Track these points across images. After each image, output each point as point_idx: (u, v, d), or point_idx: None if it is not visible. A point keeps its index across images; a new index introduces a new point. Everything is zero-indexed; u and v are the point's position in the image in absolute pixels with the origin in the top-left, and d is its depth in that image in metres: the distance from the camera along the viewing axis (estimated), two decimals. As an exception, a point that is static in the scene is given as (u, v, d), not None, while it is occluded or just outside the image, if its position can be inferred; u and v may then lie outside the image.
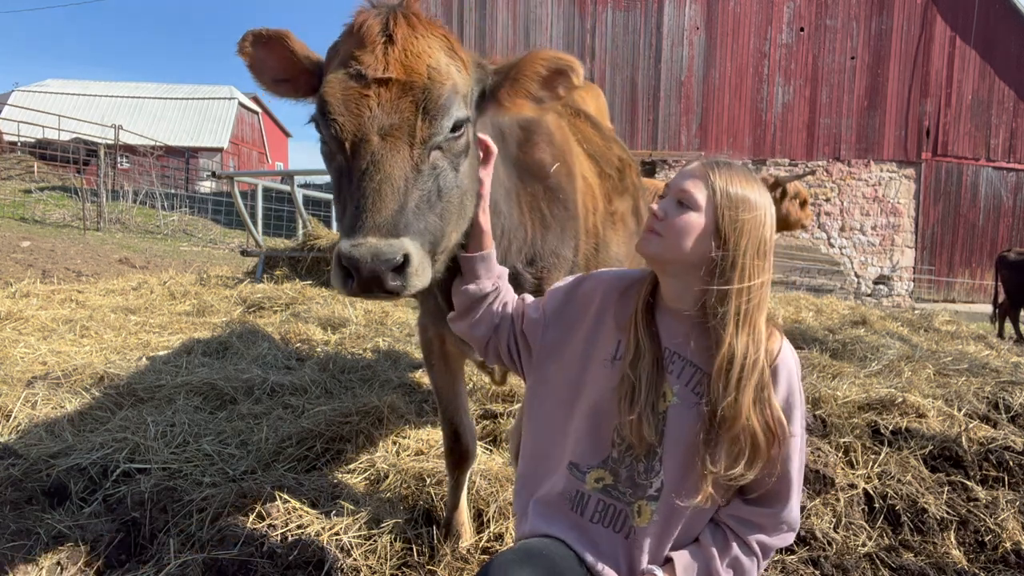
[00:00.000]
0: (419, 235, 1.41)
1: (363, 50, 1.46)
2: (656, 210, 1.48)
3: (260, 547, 2.24)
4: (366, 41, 1.47)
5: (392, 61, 1.45)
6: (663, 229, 1.47)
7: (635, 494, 1.51)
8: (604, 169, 2.64)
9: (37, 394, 3.50)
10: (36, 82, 38.30)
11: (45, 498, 2.54)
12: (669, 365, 1.51)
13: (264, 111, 45.47)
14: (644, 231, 1.51)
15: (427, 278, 1.42)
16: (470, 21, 15.92)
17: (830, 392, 3.80)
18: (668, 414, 1.49)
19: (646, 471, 1.50)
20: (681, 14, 15.94)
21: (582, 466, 1.55)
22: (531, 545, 1.51)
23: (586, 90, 3.93)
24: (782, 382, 1.48)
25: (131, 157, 24.96)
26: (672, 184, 1.51)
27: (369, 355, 4.80)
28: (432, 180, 1.48)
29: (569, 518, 1.56)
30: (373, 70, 1.44)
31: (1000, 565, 2.48)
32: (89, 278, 8.57)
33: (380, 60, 1.45)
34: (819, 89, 15.95)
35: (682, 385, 1.49)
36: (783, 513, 1.51)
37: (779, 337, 1.52)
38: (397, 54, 1.46)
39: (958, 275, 16.42)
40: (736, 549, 1.50)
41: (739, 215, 1.45)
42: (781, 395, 1.48)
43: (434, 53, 1.51)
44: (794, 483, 1.50)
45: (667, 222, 1.47)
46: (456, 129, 1.53)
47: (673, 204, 1.48)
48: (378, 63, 1.45)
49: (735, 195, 1.46)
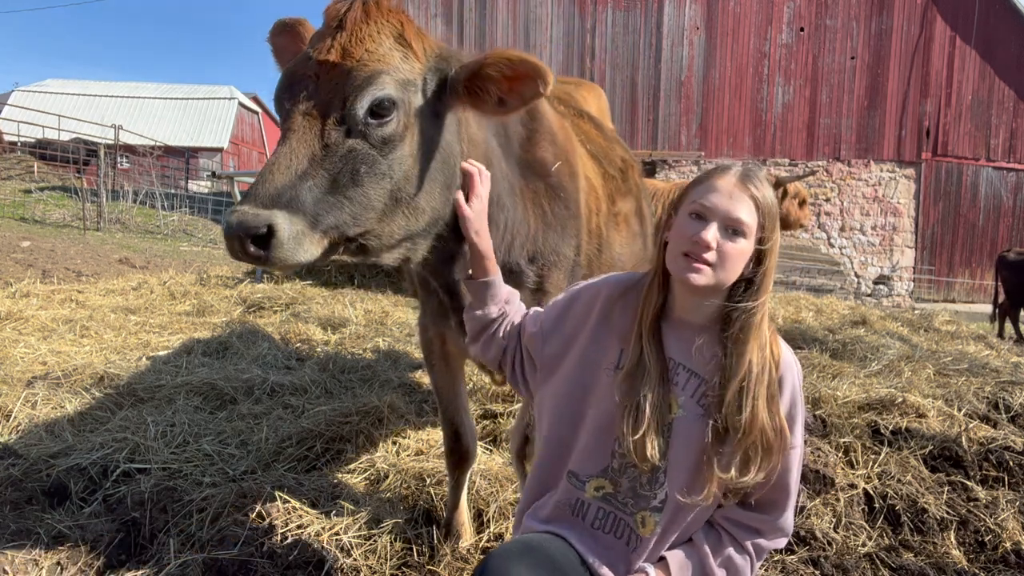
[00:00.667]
0: (303, 212, 1.44)
1: (319, 35, 1.58)
2: (708, 240, 1.38)
3: (260, 547, 2.24)
4: (324, 26, 1.58)
5: (335, 45, 1.52)
6: (717, 260, 1.39)
7: (637, 504, 1.50)
8: (607, 170, 2.64)
9: (37, 394, 3.50)
10: (36, 82, 38.30)
11: (45, 498, 2.54)
12: (675, 377, 1.49)
13: (264, 111, 45.43)
14: (692, 262, 1.39)
15: (303, 254, 1.45)
16: (470, 21, 15.92)
17: (830, 392, 3.79)
18: (674, 426, 1.47)
19: (650, 482, 1.48)
20: (681, 14, 15.94)
21: (581, 475, 1.54)
22: (531, 539, 1.51)
23: (588, 90, 3.93)
24: (787, 390, 1.47)
25: (131, 157, 24.95)
26: (714, 206, 1.39)
27: (369, 355, 4.80)
28: (345, 163, 1.50)
29: (570, 520, 1.56)
30: (318, 52, 1.53)
31: (1000, 565, 2.48)
32: (89, 278, 8.57)
33: (327, 44, 1.53)
34: (819, 89, 15.94)
35: (687, 396, 1.47)
36: (779, 521, 1.51)
37: (780, 344, 1.50)
38: (343, 39, 1.53)
39: (958, 275, 16.42)
40: (730, 549, 1.50)
41: (774, 234, 1.43)
42: (786, 403, 1.47)
43: (379, 38, 1.56)
44: (792, 493, 1.50)
45: (722, 253, 1.39)
46: (380, 115, 1.53)
47: (722, 230, 1.39)
48: (324, 46, 1.53)
49: (773, 212, 1.42)
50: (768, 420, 1.40)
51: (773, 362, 1.44)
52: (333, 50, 1.52)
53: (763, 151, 16.09)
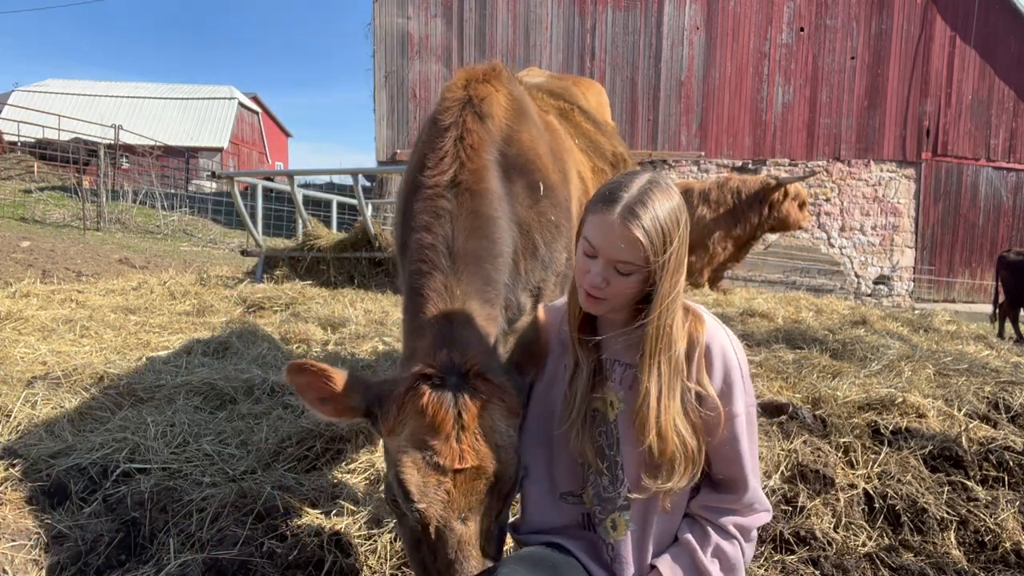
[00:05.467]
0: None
1: (436, 438, 1.49)
2: (596, 282, 1.42)
3: (260, 547, 2.24)
4: (439, 429, 1.50)
5: (465, 449, 1.49)
6: (608, 295, 1.44)
7: (605, 509, 1.52)
8: (596, 163, 2.67)
9: (37, 394, 3.49)
10: (36, 82, 38.31)
11: (45, 498, 2.54)
12: (611, 373, 1.53)
13: (264, 111, 45.48)
14: (586, 296, 1.46)
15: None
16: (470, 21, 15.92)
17: (830, 392, 3.79)
18: (619, 422, 1.50)
19: (611, 483, 1.51)
20: (681, 14, 15.94)
21: (576, 490, 1.57)
22: (536, 552, 1.53)
23: (587, 87, 3.93)
24: (716, 365, 1.47)
25: (131, 157, 24.96)
26: (599, 247, 1.42)
27: (369, 355, 4.80)
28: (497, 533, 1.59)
29: (578, 532, 1.59)
30: (450, 460, 1.48)
31: (1000, 565, 2.48)
32: (89, 278, 8.57)
33: (454, 449, 1.49)
34: (819, 89, 15.94)
35: (626, 389, 1.50)
36: (745, 497, 1.50)
37: (702, 319, 1.50)
38: (469, 440, 1.50)
39: (958, 275, 16.42)
40: (716, 537, 1.49)
41: (667, 250, 1.41)
42: (717, 379, 1.46)
43: (498, 425, 1.54)
44: (747, 462, 1.49)
45: (610, 290, 1.43)
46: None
47: (610, 270, 1.42)
48: (453, 453, 1.49)
49: (663, 232, 1.40)
50: (684, 431, 1.42)
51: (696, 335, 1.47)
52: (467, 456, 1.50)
53: (763, 151, 16.09)
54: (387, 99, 15.97)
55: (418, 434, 1.51)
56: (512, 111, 2.16)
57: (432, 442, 1.49)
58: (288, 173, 9.80)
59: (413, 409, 1.52)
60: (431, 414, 1.50)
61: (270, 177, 12.60)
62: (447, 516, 1.48)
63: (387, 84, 15.96)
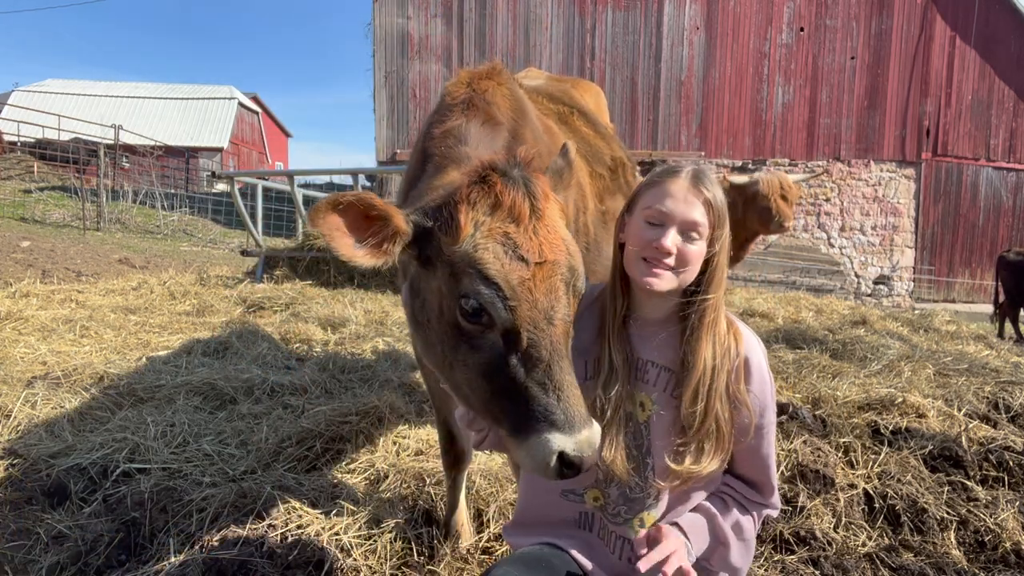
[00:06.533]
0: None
1: (518, 230, 1.39)
2: (668, 247, 1.42)
3: (260, 547, 2.24)
4: (519, 220, 1.40)
5: (544, 242, 1.40)
6: (677, 263, 1.43)
7: (631, 510, 1.52)
8: (595, 168, 2.66)
9: (37, 394, 3.50)
10: (36, 82, 38.29)
11: (45, 498, 2.55)
12: (644, 375, 1.51)
13: (264, 111, 45.47)
14: (652, 267, 1.44)
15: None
16: (470, 21, 15.91)
17: (830, 392, 3.79)
18: (651, 423, 1.49)
19: (639, 485, 1.50)
20: (681, 14, 15.93)
21: (577, 489, 1.56)
22: (531, 553, 1.52)
23: (585, 89, 3.93)
24: (754, 375, 1.49)
25: (131, 157, 24.96)
26: (671, 212, 1.43)
27: (369, 355, 4.80)
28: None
29: (574, 532, 1.58)
30: (533, 254, 1.38)
31: (1000, 565, 2.48)
32: (89, 278, 8.57)
33: (534, 241, 1.39)
34: (819, 89, 15.93)
35: (660, 391, 1.50)
36: (772, 498, 1.57)
37: (739, 327, 1.52)
38: (545, 233, 1.41)
39: (958, 275, 16.42)
40: (736, 512, 1.53)
41: (723, 231, 1.47)
42: (755, 388, 1.49)
43: (560, 222, 1.48)
44: (772, 468, 1.56)
45: (681, 256, 1.43)
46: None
47: (677, 235, 1.43)
48: (533, 244, 1.38)
49: (723, 211, 1.47)
50: (722, 411, 1.44)
51: (735, 346, 1.48)
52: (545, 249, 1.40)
53: (763, 151, 16.08)
54: (387, 99, 15.96)
55: (498, 228, 1.39)
56: (515, 109, 2.16)
57: (512, 234, 1.38)
58: (288, 173, 9.80)
59: (485, 202, 1.40)
60: (508, 203, 1.39)
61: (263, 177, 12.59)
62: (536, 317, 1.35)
63: (387, 84, 15.95)
